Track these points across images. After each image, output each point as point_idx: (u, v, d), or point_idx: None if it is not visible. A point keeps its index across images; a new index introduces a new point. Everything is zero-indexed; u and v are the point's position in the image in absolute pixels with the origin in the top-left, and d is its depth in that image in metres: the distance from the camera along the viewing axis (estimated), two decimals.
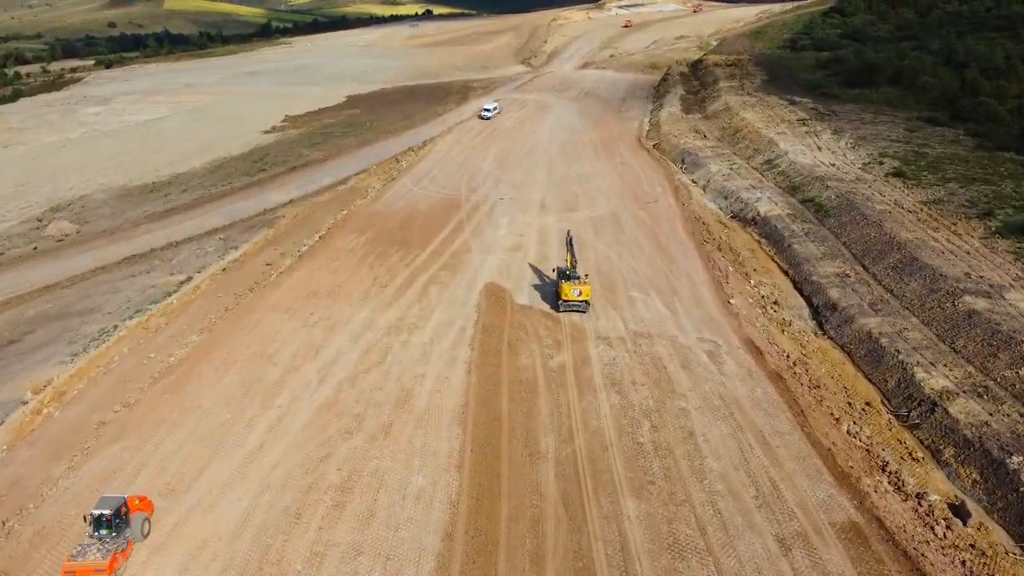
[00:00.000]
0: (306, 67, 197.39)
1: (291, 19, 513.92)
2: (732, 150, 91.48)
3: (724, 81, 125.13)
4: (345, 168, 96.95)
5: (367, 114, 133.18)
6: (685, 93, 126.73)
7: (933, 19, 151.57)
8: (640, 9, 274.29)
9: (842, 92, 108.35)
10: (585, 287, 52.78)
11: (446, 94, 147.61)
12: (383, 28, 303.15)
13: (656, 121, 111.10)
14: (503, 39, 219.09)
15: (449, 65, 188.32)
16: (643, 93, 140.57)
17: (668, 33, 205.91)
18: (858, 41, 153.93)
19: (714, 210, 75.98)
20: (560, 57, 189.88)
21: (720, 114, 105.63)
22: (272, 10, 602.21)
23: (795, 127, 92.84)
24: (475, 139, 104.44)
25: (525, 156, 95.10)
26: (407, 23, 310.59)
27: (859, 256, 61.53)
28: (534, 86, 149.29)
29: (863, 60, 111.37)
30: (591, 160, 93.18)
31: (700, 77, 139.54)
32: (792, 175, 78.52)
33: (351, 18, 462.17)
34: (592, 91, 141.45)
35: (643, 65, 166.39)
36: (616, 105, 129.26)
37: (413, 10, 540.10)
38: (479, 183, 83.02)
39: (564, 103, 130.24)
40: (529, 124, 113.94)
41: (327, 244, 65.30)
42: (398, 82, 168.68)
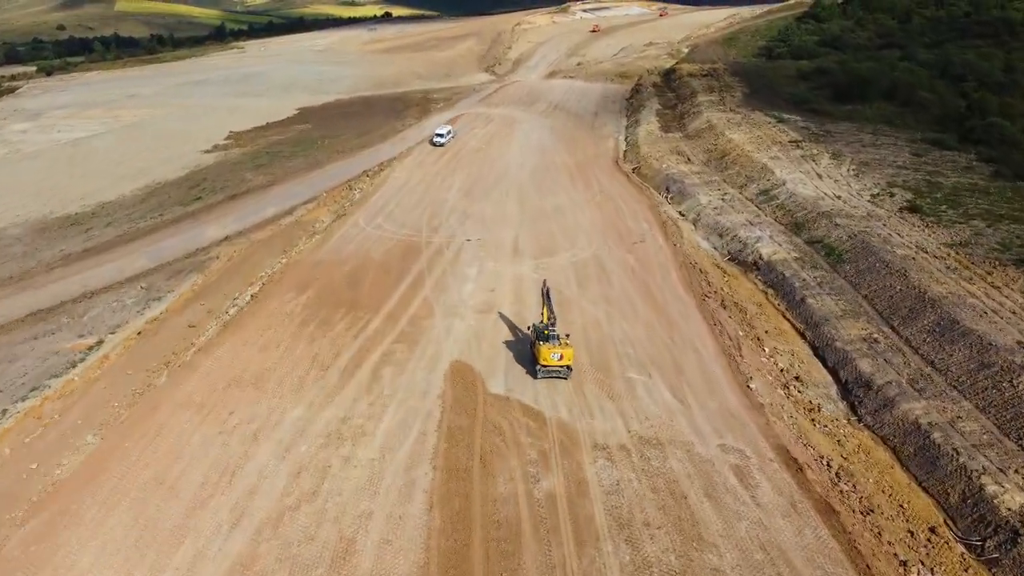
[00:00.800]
0: (256, 75, 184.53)
1: (248, 20, 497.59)
2: (721, 176, 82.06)
3: (703, 94, 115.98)
4: (291, 196, 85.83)
5: (319, 130, 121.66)
6: (661, 107, 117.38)
7: (915, 26, 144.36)
8: (604, 13, 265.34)
9: (833, 108, 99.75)
10: (566, 349, 43.47)
11: (405, 107, 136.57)
12: (340, 31, 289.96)
13: (634, 140, 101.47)
14: (465, 45, 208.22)
15: (409, 73, 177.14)
16: (615, 106, 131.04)
17: (636, 39, 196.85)
18: (838, 49, 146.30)
19: (709, 251, 66.42)
20: (525, 65, 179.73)
21: (703, 133, 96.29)
22: (228, 11, 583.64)
23: (788, 150, 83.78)
24: (438, 162, 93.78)
25: (494, 184, 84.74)
26: (365, 26, 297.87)
27: (886, 314, 52.30)
28: (500, 98, 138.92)
29: (855, 74, 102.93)
30: (567, 188, 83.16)
31: (675, 89, 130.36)
32: (793, 209, 69.27)
33: (309, 19, 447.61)
34: (562, 104, 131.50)
35: (613, 74, 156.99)
36: (588, 120, 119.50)
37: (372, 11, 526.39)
38: (443, 219, 72.37)
39: (533, 118, 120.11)
40: (497, 143, 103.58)
41: (260, 306, 54.23)
42: (354, 92, 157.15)
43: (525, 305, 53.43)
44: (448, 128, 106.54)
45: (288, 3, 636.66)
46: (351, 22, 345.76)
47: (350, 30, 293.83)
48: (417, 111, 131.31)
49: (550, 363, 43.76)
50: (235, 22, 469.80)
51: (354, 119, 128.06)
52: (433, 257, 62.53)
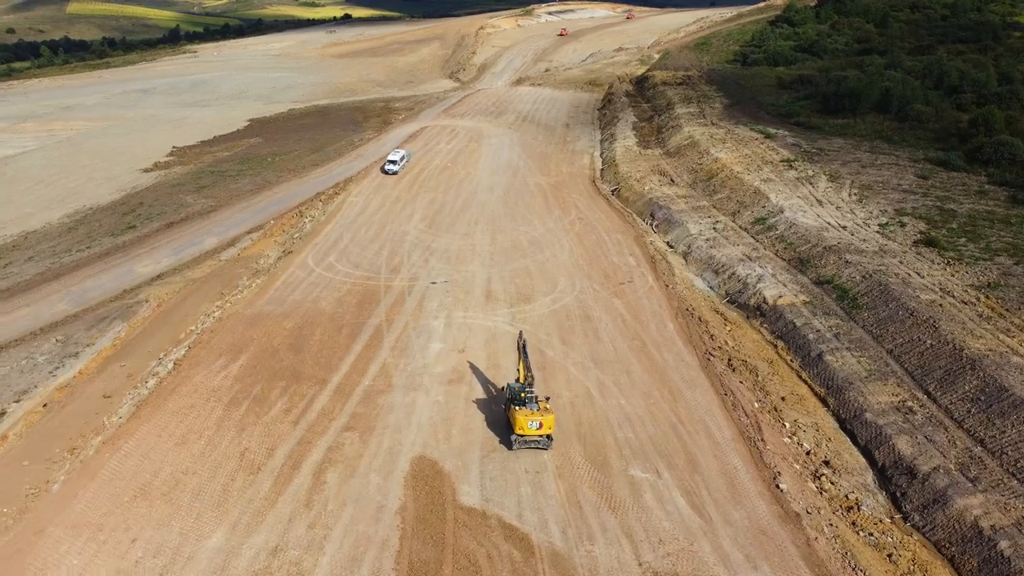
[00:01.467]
0: (206, 82, 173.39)
1: (204, 22, 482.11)
2: (710, 201, 74.35)
3: (681, 106, 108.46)
4: (235, 223, 76.57)
5: (269, 144, 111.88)
6: (637, 120, 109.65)
7: (894, 31, 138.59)
8: (570, 16, 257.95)
9: (823, 122, 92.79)
10: (546, 416, 36.50)
11: (364, 117, 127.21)
12: (298, 34, 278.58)
13: (611, 158, 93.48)
14: (427, 49, 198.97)
15: (368, 80, 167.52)
16: (587, 117, 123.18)
17: (605, 44, 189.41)
18: (815, 55, 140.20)
19: (705, 291, 58.59)
20: (491, 71, 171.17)
21: (686, 150, 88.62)
22: (185, 13, 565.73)
23: (781, 171, 76.39)
24: (399, 184, 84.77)
25: (461, 210, 76.05)
26: (324, 28, 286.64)
27: (918, 376, 44.83)
28: (465, 108, 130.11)
29: (844, 85, 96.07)
30: (541, 215, 74.84)
31: (650, 98, 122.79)
32: (795, 242, 61.70)
33: (269, 21, 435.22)
34: (531, 115, 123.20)
35: (582, 82, 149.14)
36: (560, 133, 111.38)
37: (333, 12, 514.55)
38: (404, 256, 63.46)
39: (501, 131, 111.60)
40: (463, 161, 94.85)
41: (183, 377, 44.92)
42: (310, 101, 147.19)
43: (501, 370, 45.00)
44: (402, 152, 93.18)
45: (247, 4, 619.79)
46: (310, 24, 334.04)
47: (308, 32, 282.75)
48: (377, 123, 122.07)
49: (527, 432, 36.58)
50: (192, 24, 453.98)
51: (308, 132, 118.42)
52: (393, 306, 53.67)
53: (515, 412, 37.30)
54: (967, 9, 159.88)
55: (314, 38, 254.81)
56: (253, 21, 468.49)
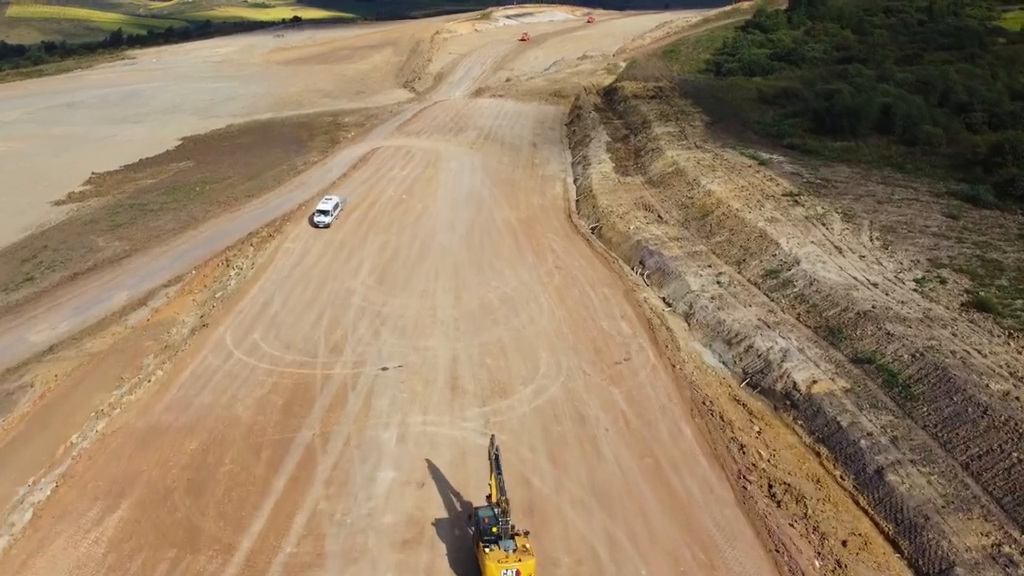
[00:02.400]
0: (140, 94, 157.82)
1: (150, 24, 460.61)
2: (708, 245, 63.40)
3: (658, 124, 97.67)
4: (150, 273, 63.87)
5: (201, 169, 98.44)
6: (611, 139, 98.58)
7: (877, 38, 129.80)
8: (528, 19, 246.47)
9: (820, 144, 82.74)
10: (525, 561, 27.19)
11: (310, 135, 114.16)
12: (244, 38, 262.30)
13: (587, 186, 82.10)
14: (380, 56, 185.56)
15: (316, 90, 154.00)
16: (555, 134, 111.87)
17: (568, 51, 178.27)
18: (793, 64, 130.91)
19: (718, 369, 47.62)
20: (448, 80, 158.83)
21: (671, 179, 77.69)
22: (131, 15, 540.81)
23: (786, 208, 65.83)
24: (344, 226, 72.27)
25: (418, 258, 63.98)
26: (272, 31, 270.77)
27: (1008, 503, 34.35)
28: (421, 123, 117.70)
29: (840, 102, 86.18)
30: (513, 261, 63.19)
31: (622, 114, 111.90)
32: (820, 303, 51.01)
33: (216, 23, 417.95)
34: (494, 132, 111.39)
35: (547, 93, 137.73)
36: (527, 154, 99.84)
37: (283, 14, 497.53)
38: (348, 328, 51.10)
39: (462, 152, 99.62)
40: (420, 191, 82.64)
41: (39, 544, 32.24)
42: (251, 115, 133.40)
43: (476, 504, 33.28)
44: (335, 200, 74.33)
45: (194, 6, 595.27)
46: (257, 27, 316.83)
47: (255, 36, 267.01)
48: (323, 142, 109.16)
49: None
50: (137, 27, 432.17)
51: (245, 154, 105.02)
52: (331, 409, 41.38)
53: (485, 556, 27.38)
54: (944, 13, 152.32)
55: (260, 42, 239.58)
56: (200, 23, 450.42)
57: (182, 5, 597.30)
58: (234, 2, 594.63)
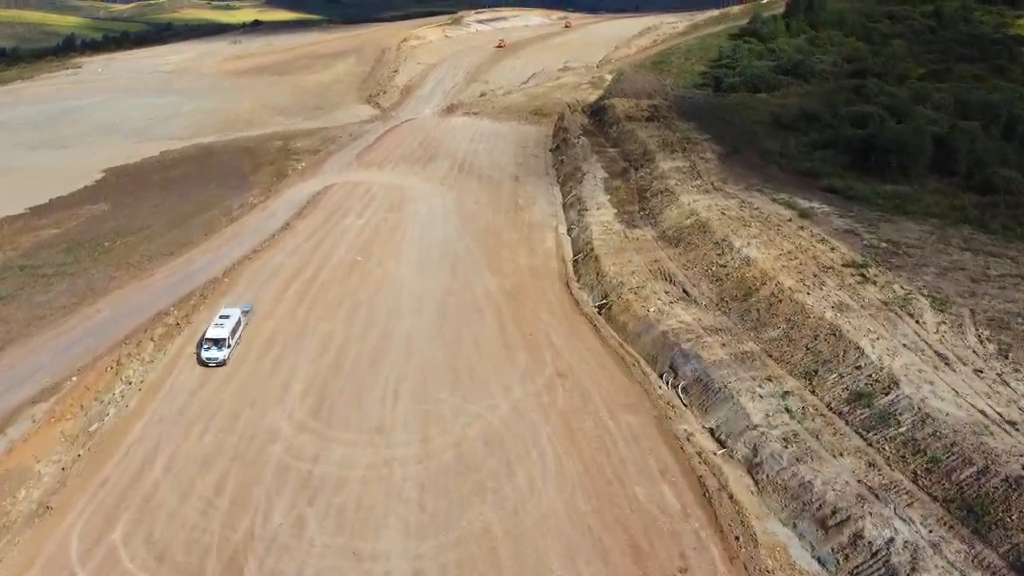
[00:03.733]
0: (75, 112, 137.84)
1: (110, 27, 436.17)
2: (760, 343, 46.75)
3: (663, 156, 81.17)
4: (16, 380, 46.41)
5: (117, 214, 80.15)
6: (608, 175, 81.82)
7: (897, 49, 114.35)
8: (502, 24, 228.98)
9: (866, 188, 66.81)
10: None
11: (254, 167, 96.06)
12: (200, 44, 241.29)
13: (585, 242, 65.17)
14: (342, 66, 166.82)
15: (270, 106, 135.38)
16: (539, 163, 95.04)
17: (546, 59, 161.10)
18: (801, 78, 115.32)
19: (814, 574, 31.18)
20: (417, 95, 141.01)
21: (693, 237, 61.06)
22: (91, 18, 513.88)
23: (855, 287, 49.45)
24: (279, 306, 54.68)
25: (372, 363, 46.66)
26: (230, 36, 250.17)
27: None
28: (385, 150, 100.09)
29: (884, 133, 70.29)
30: (500, 366, 46.27)
31: (617, 140, 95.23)
32: (941, 456, 34.74)
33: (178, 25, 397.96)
34: (469, 161, 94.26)
35: (526, 110, 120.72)
36: (509, 192, 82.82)
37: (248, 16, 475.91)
38: (257, 514, 33.59)
39: (432, 190, 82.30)
40: (380, 250, 65.17)
41: None
42: (192, 138, 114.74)
43: None
44: (233, 316, 48.78)
45: (156, 8, 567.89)
46: (216, 31, 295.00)
47: (211, 42, 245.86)
48: (269, 175, 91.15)
49: None
50: (97, 30, 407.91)
51: (175, 192, 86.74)
52: None
53: None
54: (954, 19, 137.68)
55: (216, 49, 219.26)
56: (161, 26, 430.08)
57: (144, 7, 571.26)
58: (197, 3, 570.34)
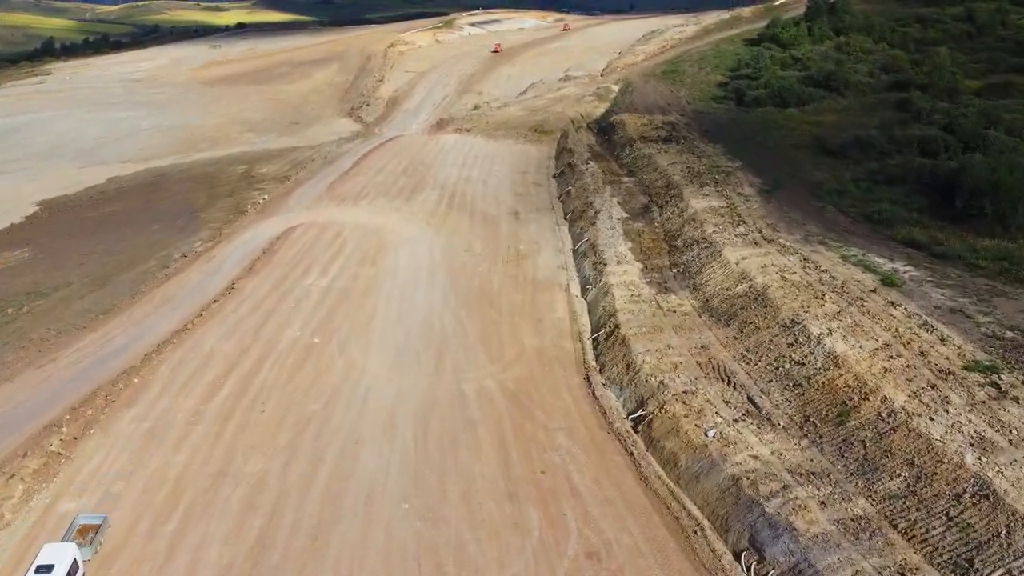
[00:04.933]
0: (24, 129, 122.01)
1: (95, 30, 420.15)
2: (875, 501, 31.72)
3: (691, 191, 66.31)
4: None
5: (37, 266, 64.93)
6: (626, 213, 66.90)
7: (941, 59, 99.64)
8: (496, 27, 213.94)
9: (962, 243, 52.02)
10: None
11: (209, 199, 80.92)
12: (179, 48, 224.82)
13: (607, 312, 50.04)
14: (323, 74, 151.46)
15: (240, 121, 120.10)
16: (542, 193, 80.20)
17: (545, 67, 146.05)
18: (833, 91, 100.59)
19: None
20: (403, 107, 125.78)
21: (747, 312, 46.12)
22: (78, 20, 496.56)
23: (987, 405, 34.54)
24: (192, 434, 39.60)
25: (311, 538, 31.60)
26: (211, 40, 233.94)
27: None
28: (363, 179, 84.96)
29: (972, 171, 55.66)
30: (500, 539, 31.30)
31: (631, 166, 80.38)
32: None
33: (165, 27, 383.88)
34: (461, 191, 79.32)
35: (525, 126, 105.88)
36: (508, 233, 67.84)
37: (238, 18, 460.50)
38: None
39: (415, 233, 67.24)
40: (345, 327, 49.96)
41: None
42: (147, 161, 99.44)
43: None
44: (65, 561, 27.10)
45: (144, 9, 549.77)
46: (202, 34, 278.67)
47: (190, 47, 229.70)
48: (224, 211, 76.04)
49: None
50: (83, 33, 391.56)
51: (112, 233, 71.62)
52: None
53: None
54: (992, 24, 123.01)
55: (193, 55, 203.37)
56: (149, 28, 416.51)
57: (131, 9, 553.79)
58: (186, 5, 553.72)
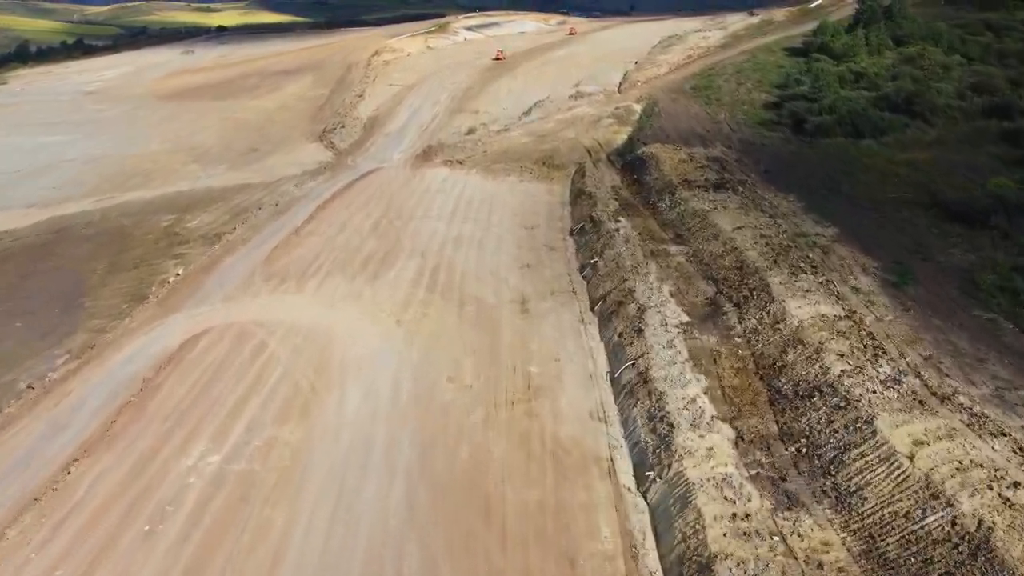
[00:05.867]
0: None
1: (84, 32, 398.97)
2: None
3: (786, 287, 44.44)
4: None
5: None
6: (688, 319, 44.92)
7: None
8: (495, 30, 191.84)
9: None
10: None
11: (107, 272, 58.75)
12: (151, 54, 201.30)
13: (691, 537, 28.32)
14: (295, 87, 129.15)
15: (187, 148, 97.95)
16: (558, 263, 58.15)
17: (550, 79, 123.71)
18: (917, 117, 78.57)
19: None
20: (384, 130, 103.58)
21: (960, 572, 24.62)
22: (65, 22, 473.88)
23: None
24: None
25: None
26: (185, 44, 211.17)
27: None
28: (317, 241, 62.81)
29: None
30: None
31: (679, 229, 58.45)
32: None
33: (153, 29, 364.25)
34: (448, 261, 57.18)
35: (530, 158, 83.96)
36: (511, 342, 45.66)
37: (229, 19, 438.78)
38: None
39: (375, 341, 45.10)
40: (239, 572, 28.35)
41: None
42: (57, 204, 77.24)
43: None
44: None
45: (133, 10, 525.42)
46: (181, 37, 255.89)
47: (166, 51, 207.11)
48: (118, 295, 53.94)
49: None
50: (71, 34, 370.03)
51: None
52: None
53: None
54: None
55: (163, 61, 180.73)
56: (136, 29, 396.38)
57: (120, 10, 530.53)
58: (177, 6, 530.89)
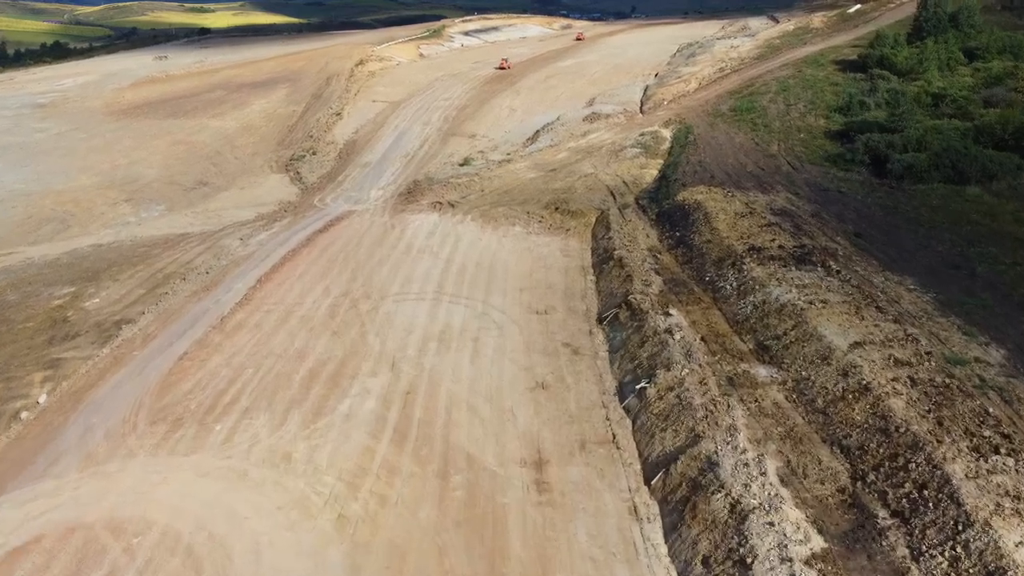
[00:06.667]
0: None
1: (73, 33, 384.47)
2: None
3: (982, 491, 26.58)
4: None
5: None
6: (807, 520, 27.09)
7: None
8: (496, 36, 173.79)
9: None
10: None
11: None
12: (127, 58, 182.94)
13: None
14: (263, 103, 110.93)
15: (121, 181, 79.83)
16: (584, 379, 39.89)
17: (559, 95, 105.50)
18: None
19: None
20: (362, 159, 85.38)
21: None
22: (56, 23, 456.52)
23: None
24: None
25: None
26: (160, 50, 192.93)
27: None
28: (244, 340, 44.57)
29: None
30: None
31: (762, 335, 40.53)
32: None
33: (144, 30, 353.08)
34: (424, 378, 39.01)
35: (538, 201, 65.99)
36: (523, 550, 27.84)
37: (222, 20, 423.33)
38: None
39: (313, 572, 27.27)
40: None
41: None
42: None
43: None
44: None
45: (124, 11, 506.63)
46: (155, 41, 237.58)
47: (141, 55, 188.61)
48: None
49: None
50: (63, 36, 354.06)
51: None
52: None
53: None
54: None
55: (133, 68, 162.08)
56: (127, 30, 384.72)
57: (112, 11, 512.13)
58: (170, 6, 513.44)
